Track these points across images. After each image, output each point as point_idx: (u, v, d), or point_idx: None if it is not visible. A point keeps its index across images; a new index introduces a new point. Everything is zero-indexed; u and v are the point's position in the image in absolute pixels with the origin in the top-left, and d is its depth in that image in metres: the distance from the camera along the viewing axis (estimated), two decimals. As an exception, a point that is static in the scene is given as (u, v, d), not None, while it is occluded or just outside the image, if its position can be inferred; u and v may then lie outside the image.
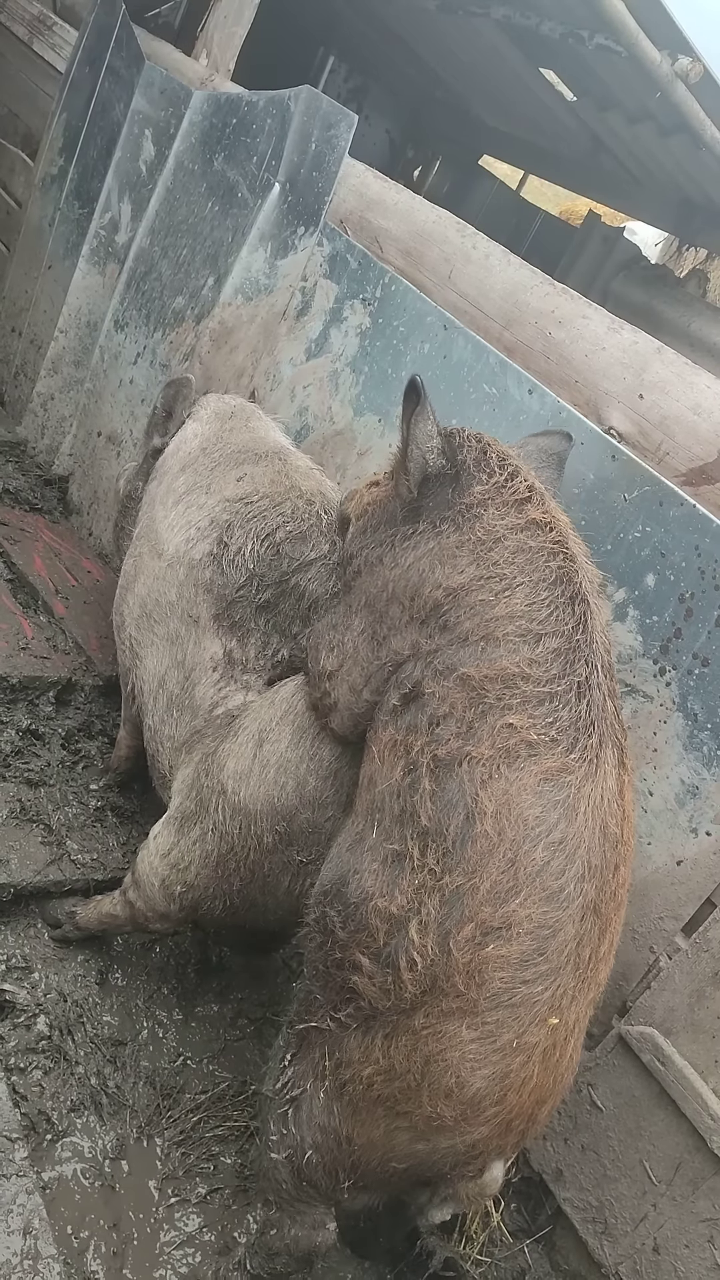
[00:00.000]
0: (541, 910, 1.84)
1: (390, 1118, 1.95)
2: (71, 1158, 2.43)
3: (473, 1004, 1.85)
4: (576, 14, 4.37)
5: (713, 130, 4.53)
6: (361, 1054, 1.96)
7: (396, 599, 2.17)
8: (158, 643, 2.79)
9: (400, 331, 3.19)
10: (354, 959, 1.96)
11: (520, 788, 1.87)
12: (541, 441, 2.50)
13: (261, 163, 3.64)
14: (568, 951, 1.87)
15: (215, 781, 2.49)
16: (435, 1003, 1.87)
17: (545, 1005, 1.86)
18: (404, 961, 1.88)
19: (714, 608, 2.39)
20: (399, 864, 1.94)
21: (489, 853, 1.85)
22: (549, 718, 1.93)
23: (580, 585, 2.06)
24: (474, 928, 1.84)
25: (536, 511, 2.13)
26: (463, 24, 5.45)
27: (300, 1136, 2.06)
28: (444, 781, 1.92)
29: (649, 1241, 2.49)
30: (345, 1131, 2.00)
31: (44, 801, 3.05)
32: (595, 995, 1.98)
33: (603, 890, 1.91)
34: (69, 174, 4.54)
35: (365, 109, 7.55)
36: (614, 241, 6.95)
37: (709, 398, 2.58)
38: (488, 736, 1.91)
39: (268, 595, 2.65)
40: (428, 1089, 1.89)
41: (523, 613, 2.01)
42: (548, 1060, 1.91)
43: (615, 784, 1.96)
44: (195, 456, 2.99)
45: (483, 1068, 1.87)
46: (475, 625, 2.02)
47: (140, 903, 2.62)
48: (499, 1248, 2.66)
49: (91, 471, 4.41)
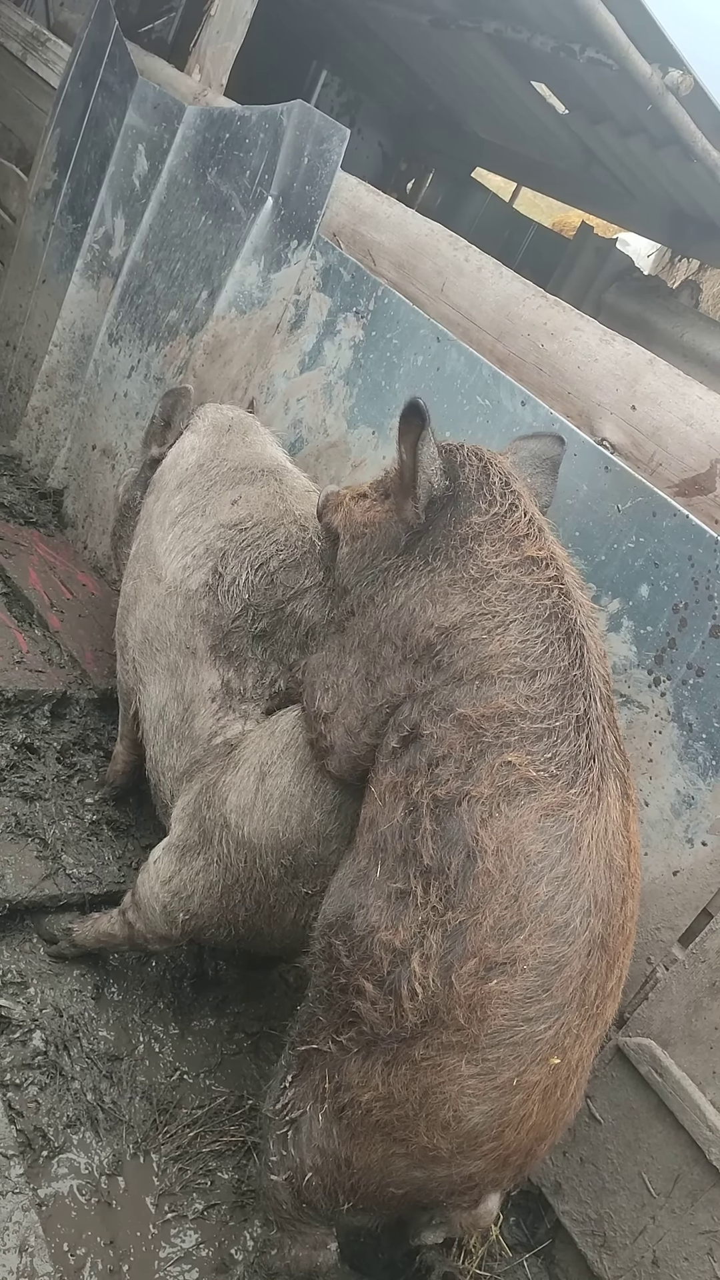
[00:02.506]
0: (546, 945, 1.83)
1: (388, 1144, 1.94)
2: (68, 1174, 2.41)
3: (473, 1039, 1.84)
4: (567, 28, 4.39)
5: (704, 142, 4.55)
6: (361, 1079, 1.95)
7: (389, 639, 2.16)
8: (159, 671, 2.79)
9: (393, 344, 3.20)
10: (358, 984, 1.96)
11: (521, 824, 1.87)
12: (534, 445, 2.49)
13: (254, 177, 3.65)
14: (573, 988, 1.85)
15: (218, 815, 2.49)
16: (435, 1035, 1.86)
17: (548, 1044, 1.85)
18: (405, 990, 1.88)
19: (708, 618, 2.40)
20: (403, 901, 1.94)
21: (491, 889, 1.85)
22: (548, 753, 1.92)
23: (575, 620, 2.05)
24: (477, 963, 1.83)
25: (533, 548, 2.12)
26: (455, 38, 5.48)
27: (300, 1158, 2.05)
28: (444, 821, 1.92)
29: (648, 1254, 2.48)
30: (344, 1154, 1.99)
31: (39, 816, 3.04)
32: (601, 1034, 1.96)
33: (610, 924, 1.90)
34: (63, 189, 4.55)
35: (358, 123, 7.58)
36: (607, 253, 6.98)
37: (701, 409, 2.59)
38: (486, 775, 1.91)
39: (264, 624, 2.65)
40: (425, 1120, 1.88)
41: (517, 650, 2.00)
42: (548, 1099, 1.89)
43: (619, 816, 1.95)
44: (192, 473, 2.99)
45: (481, 1104, 1.86)
46: (469, 664, 2.02)
47: (140, 925, 2.62)
48: (498, 1262, 2.65)
49: (86, 485, 4.41)
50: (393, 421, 3.18)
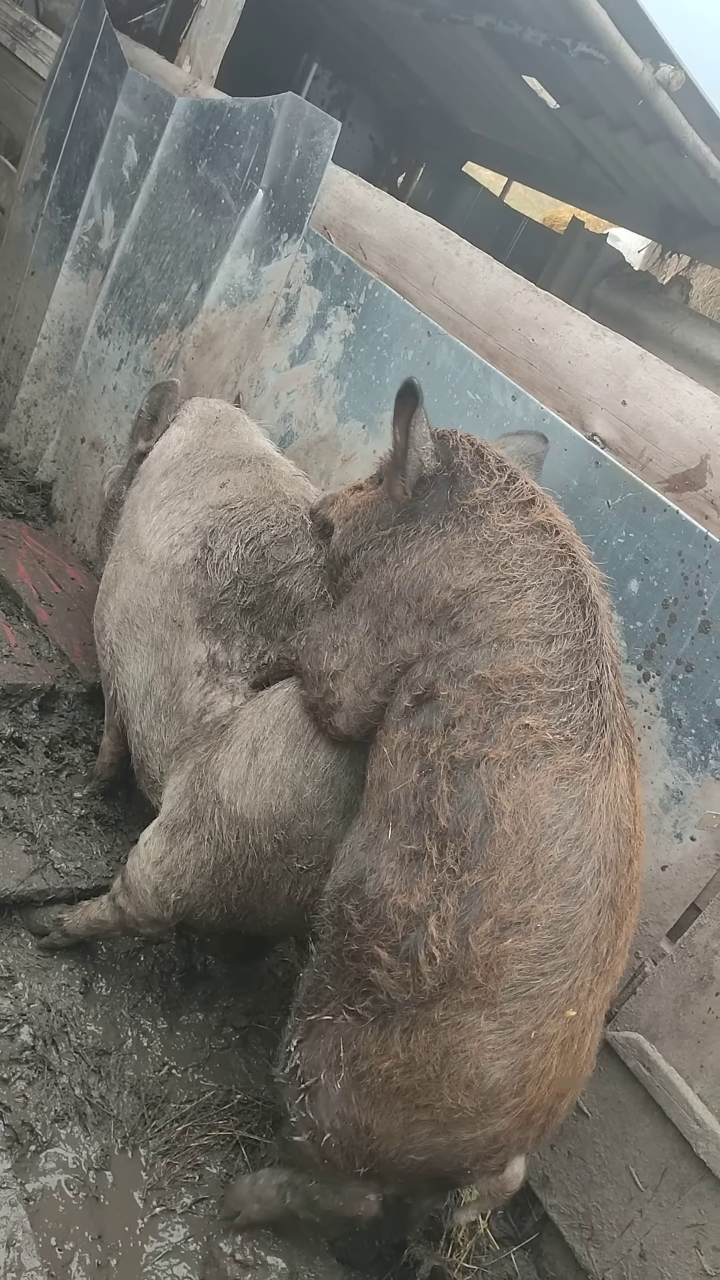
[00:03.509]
0: (559, 905, 1.88)
1: (410, 1110, 1.98)
2: (56, 1169, 2.41)
3: (491, 995, 1.88)
4: (559, 22, 4.39)
5: (694, 138, 4.55)
6: (380, 1047, 1.98)
7: (402, 599, 2.18)
8: (141, 649, 2.78)
9: (384, 338, 3.19)
10: (372, 952, 1.98)
11: (537, 787, 1.91)
12: (520, 442, 2.52)
13: (245, 169, 3.64)
14: (585, 945, 1.90)
15: (210, 791, 2.49)
16: (454, 995, 1.90)
17: (563, 997, 1.90)
18: (423, 955, 1.91)
19: (697, 613, 2.40)
20: (417, 863, 1.97)
21: (507, 851, 1.89)
22: (563, 717, 1.96)
23: (589, 589, 2.10)
24: (493, 923, 1.87)
25: (541, 514, 2.16)
26: (446, 31, 5.47)
27: (319, 1120, 2.09)
28: (461, 783, 1.95)
29: (635, 1247, 2.48)
30: (364, 1121, 2.03)
31: (27, 810, 3.03)
32: (612, 988, 2.01)
33: (618, 884, 1.95)
34: (52, 180, 4.53)
35: (349, 115, 7.56)
36: (597, 248, 6.98)
37: (691, 404, 2.59)
38: (504, 738, 1.95)
39: (252, 598, 2.65)
40: (448, 1080, 1.92)
41: (535, 615, 2.04)
42: (566, 1052, 1.94)
43: (627, 780, 2.00)
44: (178, 461, 2.99)
45: (501, 1058, 1.90)
46: (488, 627, 2.05)
47: (131, 908, 2.61)
48: (485, 1255, 2.65)
49: (75, 478, 4.40)
50: (383, 416, 3.19)
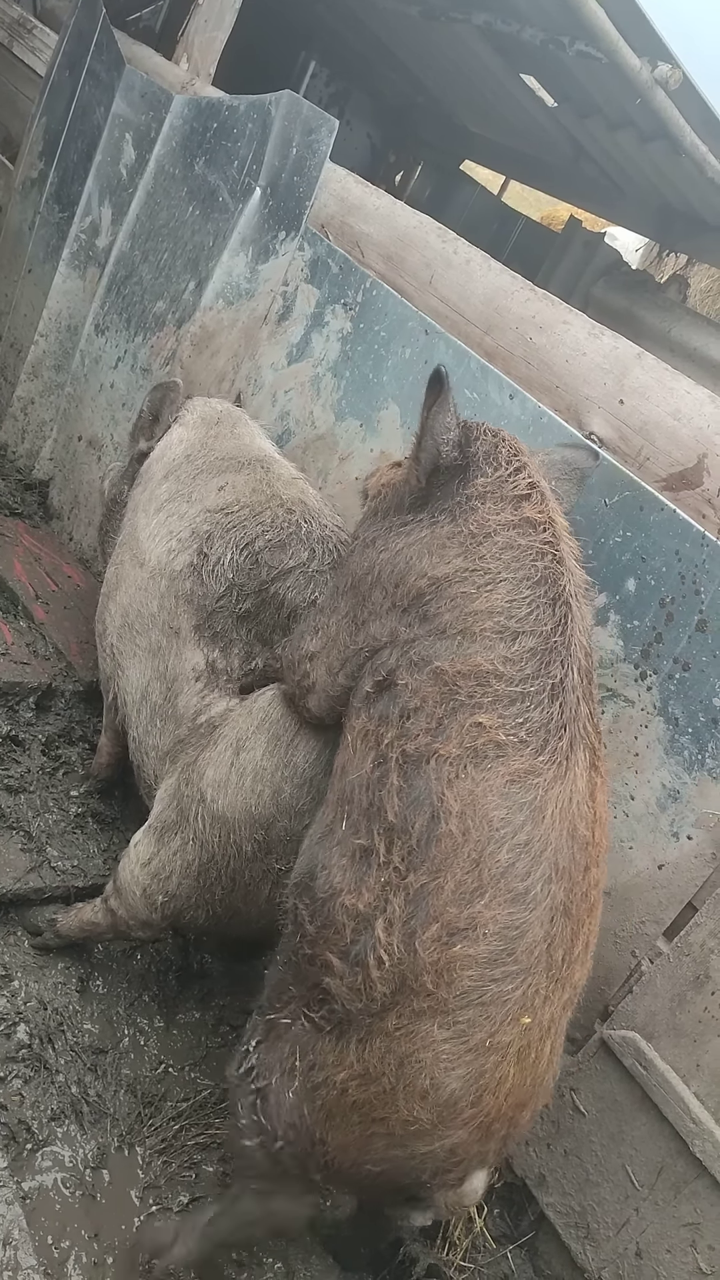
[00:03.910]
0: (507, 912, 1.83)
1: (366, 1123, 1.93)
2: (52, 1167, 2.41)
3: (443, 1002, 1.84)
4: (557, 20, 4.38)
5: (692, 136, 4.55)
6: (336, 1058, 1.94)
7: (380, 583, 2.16)
8: (140, 654, 2.78)
9: (381, 336, 3.19)
10: (324, 958, 1.95)
11: (486, 789, 1.87)
12: (567, 454, 2.46)
13: (242, 167, 3.64)
14: (538, 953, 1.86)
15: (195, 790, 2.49)
16: (406, 1002, 1.86)
17: (517, 1004, 1.85)
18: (372, 960, 1.87)
19: (694, 612, 2.40)
20: (366, 860, 1.94)
21: (453, 852, 1.85)
22: (519, 718, 1.92)
23: (564, 587, 2.05)
24: (440, 927, 1.83)
25: (533, 510, 2.12)
26: (444, 29, 5.46)
27: (271, 1128, 2.03)
28: (411, 778, 1.92)
29: (631, 1246, 2.49)
30: (318, 1134, 1.98)
31: (24, 808, 3.03)
32: (571, 997, 1.96)
33: (572, 892, 1.90)
34: (49, 178, 4.52)
35: (346, 114, 7.55)
36: (595, 247, 6.98)
37: (689, 403, 2.59)
38: (456, 735, 1.91)
39: (248, 604, 2.65)
40: (403, 1091, 1.87)
41: (502, 609, 2.00)
42: (523, 1061, 1.89)
43: (586, 786, 1.95)
44: (179, 463, 2.99)
45: (457, 1068, 1.85)
46: (455, 618, 2.01)
47: (122, 910, 2.61)
48: (482, 1254, 2.65)
49: (72, 476, 4.39)
50: (381, 414, 3.19)
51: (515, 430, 2.77)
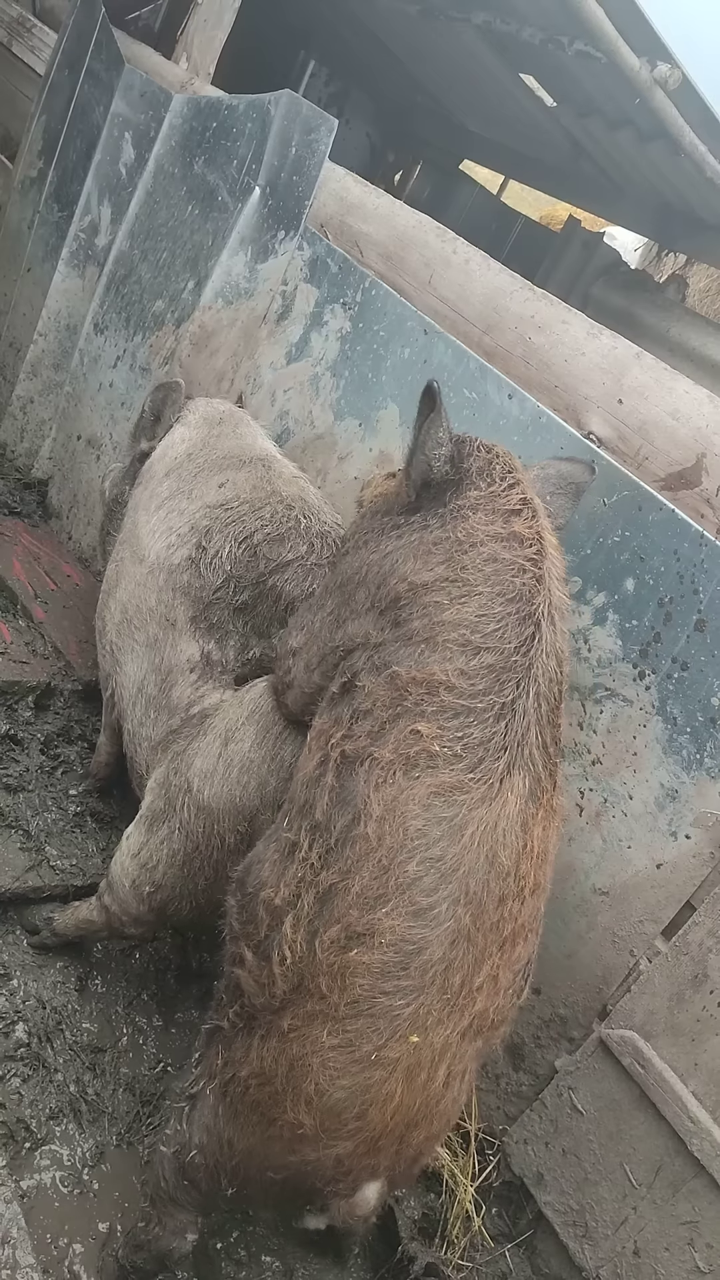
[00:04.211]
0: (406, 925, 1.79)
1: (263, 1124, 1.92)
2: (50, 1165, 2.41)
3: (334, 1008, 1.82)
4: (556, 20, 4.38)
5: (691, 136, 4.55)
6: (243, 1054, 1.93)
7: (365, 584, 2.14)
8: (137, 648, 2.79)
9: (381, 336, 3.19)
10: (240, 952, 1.95)
11: (409, 797, 1.83)
12: (563, 468, 2.42)
13: (242, 166, 3.64)
14: (433, 973, 1.81)
15: (183, 780, 2.50)
16: (301, 1003, 1.85)
17: (406, 1021, 1.81)
18: (276, 955, 1.87)
19: (692, 612, 2.40)
20: (291, 855, 1.93)
21: (365, 856, 1.82)
22: (458, 732, 1.87)
23: (538, 607, 1.99)
24: (339, 929, 1.81)
25: (522, 525, 2.08)
26: (443, 29, 5.46)
27: (189, 1135, 2.03)
28: (344, 779, 1.90)
29: (629, 1245, 2.49)
30: (227, 1135, 1.97)
31: (23, 807, 3.03)
32: (470, 1025, 1.89)
33: (479, 920, 1.83)
34: (48, 177, 4.52)
35: (346, 113, 7.54)
36: (594, 247, 6.98)
37: (688, 403, 2.60)
38: (394, 740, 1.88)
39: (245, 597, 2.66)
40: (290, 1095, 1.86)
41: (469, 623, 1.95)
42: (412, 1080, 1.85)
43: (517, 814, 1.87)
44: (180, 462, 2.99)
45: (342, 1078, 1.83)
46: (423, 626, 1.98)
47: (114, 905, 2.61)
48: (480, 1252, 2.66)
49: (71, 475, 4.39)
50: (380, 414, 3.19)
51: (514, 430, 2.78)
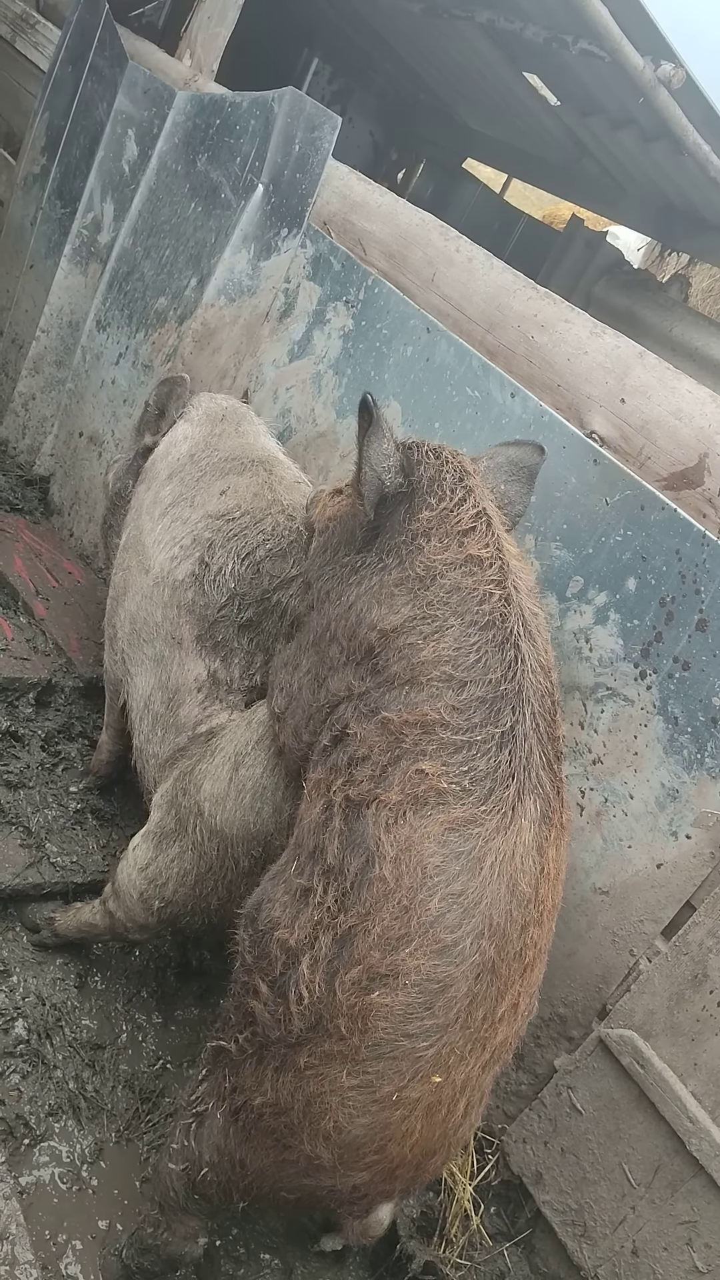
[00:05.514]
0: (431, 963, 1.79)
1: (278, 1150, 1.92)
2: (49, 1162, 2.41)
3: (354, 1050, 1.81)
4: (560, 19, 4.38)
5: (695, 136, 4.55)
6: (254, 1081, 1.94)
7: (336, 639, 2.14)
8: (146, 663, 2.79)
9: (383, 334, 3.19)
10: (255, 984, 1.95)
11: (423, 835, 1.83)
12: (512, 453, 2.42)
13: (245, 164, 3.63)
14: (457, 1009, 1.81)
15: (193, 802, 2.50)
16: (319, 1043, 1.85)
17: (429, 1062, 1.81)
18: (293, 994, 1.86)
19: (694, 612, 2.40)
20: (304, 899, 1.93)
21: (384, 898, 1.82)
22: (463, 766, 1.88)
23: (512, 629, 1.99)
24: (360, 971, 1.81)
25: (476, 546, 2.06)
26: (447, 28, 5.46)
27: (198, 1152, 2.04)
28: (352, 822, 1.90)
29: (628, 1244, 2.49)
30: (238, 1156, 1.98)
31: (23, 804, 3.03)
32: (490, 1058, 1.90)
33: (504, 950, 1.84)
34: (51, 173, 4.52)
35: (349, 111, 7.55)
36: (597, 246, 6.98)
37: (690, 402, 2.59)
38: (399, 781, 1.88)
39: (250, 614, 2.64)
40: (308, 1129, 1.87)
41: (449, 658, 1.96)
42: (432, 1116, 1.85)
43: (533, 839, 1.88)
44: (183, 463, 2.98)
45: (361, 1117, 1.83)
46: (403, 669, 1.99)
47: (120, 913, 2.62)
48: (478, 1251, 2.66)
49: (73, 472, 4.39)
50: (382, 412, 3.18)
51: (517, 428, 2.77)
